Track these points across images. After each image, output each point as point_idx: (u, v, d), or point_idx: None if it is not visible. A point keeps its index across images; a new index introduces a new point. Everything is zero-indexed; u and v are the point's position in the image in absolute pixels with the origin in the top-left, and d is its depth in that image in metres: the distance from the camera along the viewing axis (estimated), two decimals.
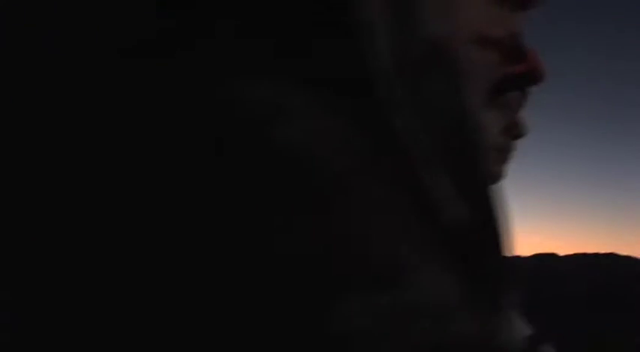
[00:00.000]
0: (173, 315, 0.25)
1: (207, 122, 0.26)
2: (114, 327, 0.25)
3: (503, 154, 1.09)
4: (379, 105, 0.30)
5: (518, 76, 0.88)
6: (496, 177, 1.19)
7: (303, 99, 0.27)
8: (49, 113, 0.27)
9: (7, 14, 0.29)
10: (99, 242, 0.25)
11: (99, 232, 0.25)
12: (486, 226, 0.32)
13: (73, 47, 0.28)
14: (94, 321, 0.25)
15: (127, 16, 0.28)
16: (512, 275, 0.35)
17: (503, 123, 1.02)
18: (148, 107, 0.26)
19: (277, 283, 0.25)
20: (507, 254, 0.62)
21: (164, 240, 0.25)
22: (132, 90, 0.27)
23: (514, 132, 1.05)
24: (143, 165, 0.26)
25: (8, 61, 0.28)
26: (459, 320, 0.29)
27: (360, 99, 0.29)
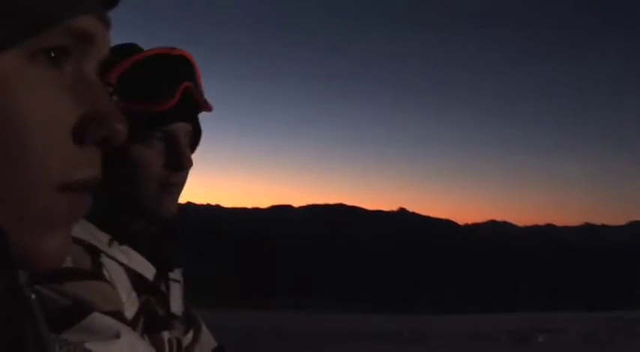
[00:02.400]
0: None
1: None
2: None
3: (169, 188, 1.19)
4: None
5: (173, 113, 1.17)
6: (164, 212, 1.20)
7: None
8: None
9: None
10: None
11: None
12: None
13: None
14: None
15: None
16: None
17: (163, 159, 1.17)
18: None
19: None
20: None
21: None
22: None
23: (172, 165, 1.18)
24: None
25: None
26: None
27: None
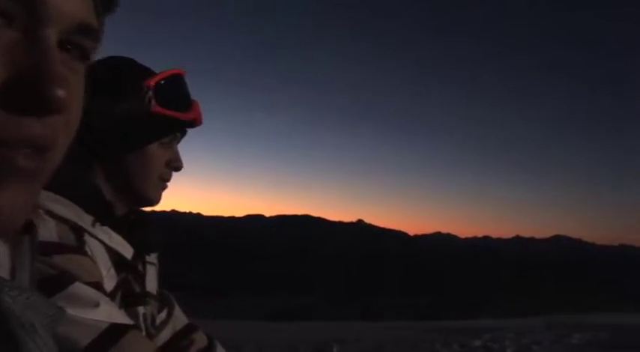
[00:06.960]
0: None
1: None
2: None
3: (164, 183, 1.40)
4: None
5: (188, 123, 1.34)
6: (156, 200, 1.41)
7: None
8: None
9: None
10: None
11: None
12: None
13: None
14: None
15: None
16: None
17: (167, 158, 1.37)
18: None
19: None
20: None
21: None
22: None
23: (174, 165, 1.40)
24: None
25: None
26: None
27: None
